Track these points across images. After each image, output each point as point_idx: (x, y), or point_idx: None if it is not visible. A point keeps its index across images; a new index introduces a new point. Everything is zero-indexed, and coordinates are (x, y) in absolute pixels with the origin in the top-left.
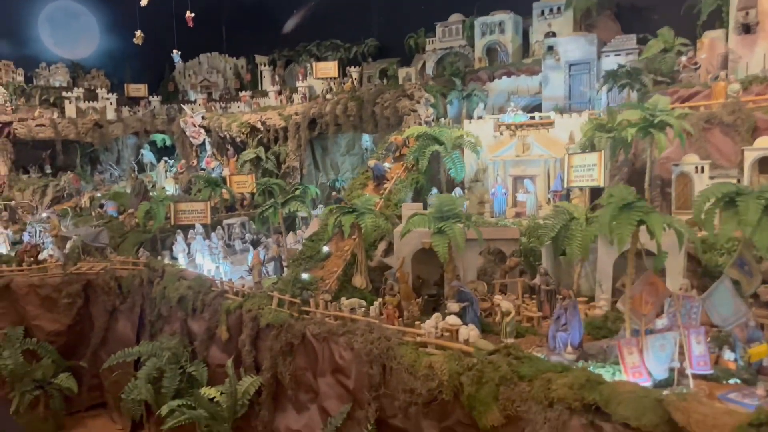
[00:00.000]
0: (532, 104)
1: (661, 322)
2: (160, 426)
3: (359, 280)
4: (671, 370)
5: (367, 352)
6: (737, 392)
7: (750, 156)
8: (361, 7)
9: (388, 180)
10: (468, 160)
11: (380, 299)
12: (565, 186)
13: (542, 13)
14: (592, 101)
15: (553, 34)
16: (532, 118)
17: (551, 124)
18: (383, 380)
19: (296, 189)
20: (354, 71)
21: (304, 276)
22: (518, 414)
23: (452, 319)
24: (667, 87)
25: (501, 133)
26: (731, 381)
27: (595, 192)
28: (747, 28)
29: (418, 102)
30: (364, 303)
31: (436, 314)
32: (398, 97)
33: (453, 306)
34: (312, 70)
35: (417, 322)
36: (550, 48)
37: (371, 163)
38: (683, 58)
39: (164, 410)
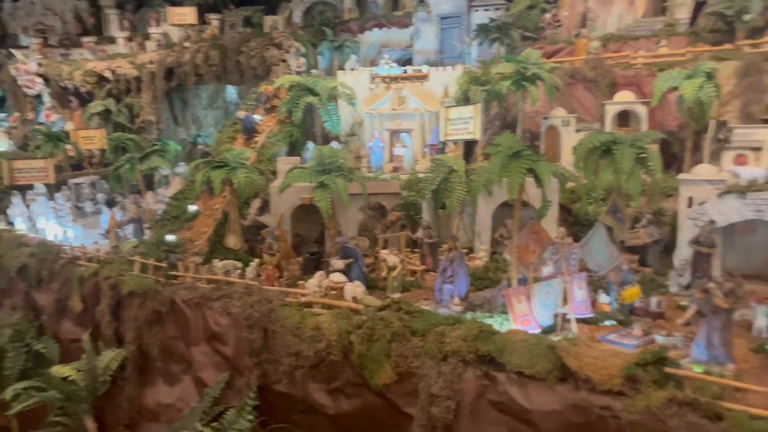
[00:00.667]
0: (404, 57)
1: (546, 270)
2: (5, 412)
3: (233, 241)
4: (556, 316)
5: (247, 317)
6: (615, 333)
7: (611, 110)
8: None
9: (259, 133)
10: (343, 113)
11: (257, 260)
12: (442, 139)
13: None
14: (462, 55)
15: None
16: (405, 71)
17: (426, 77)
18: (265, 345)
19: (154, 144)
20: (214, 18)
21: (170, 238)
22: (411, 370)
23: (337, 277)
24: (533, 42)
25: (376, 86)
26: (607, 323)
27: (469, 145)
28: None
29: (288, 51)
30: (239, 264)
31: (320, 272)
32: (266, 46)
33: (337, 263)
34: (166, 16)
35: (299, 282)
36: (421, 0)
37: (241, 114)
38: (547, 15)
39: (8, 394)
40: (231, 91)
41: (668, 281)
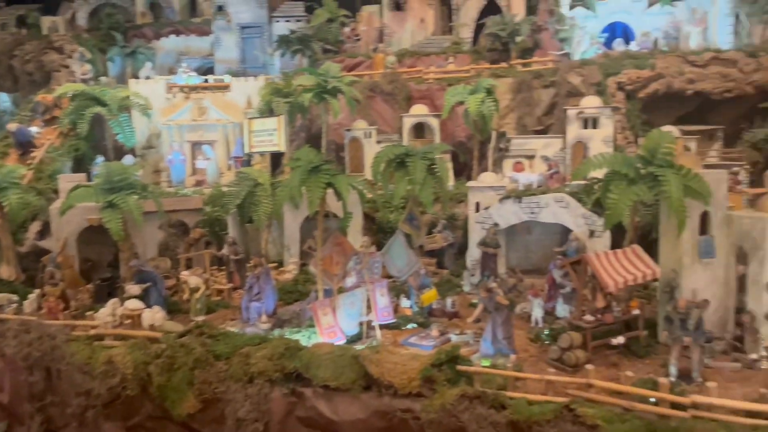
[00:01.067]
0: (205, 66)
1: (350, 280)
2: None
3: (6, 271)
4: (360, 324)
5: (24, 357)
6: (416, 336)
7: (408, 122)
8: None
9: (37, 147)
10: (138, 124)
11: (37, 291)
12: (247, 151)
13: None
14: (266, 66)
15: None
16: (206, 80)
17: (227, 87)
18: (49, 386)
19: None
20: None
21: None
22: (216, 396)
23: (133, 303)
24: (334, 55)
25: (174, 96)
26: (410, 326)
27: (276, 157)
28: (398, 6)
29: (70, 57)
30: (14, 298)
31: (113, 300)
32: (43, 49)
33: (133, 288)
34: None
35: (89, 312)
36: (220, 8)
37: (12, 126)
38: (346, 29)
39: None
40: (5, 99)
41: (462, 281)
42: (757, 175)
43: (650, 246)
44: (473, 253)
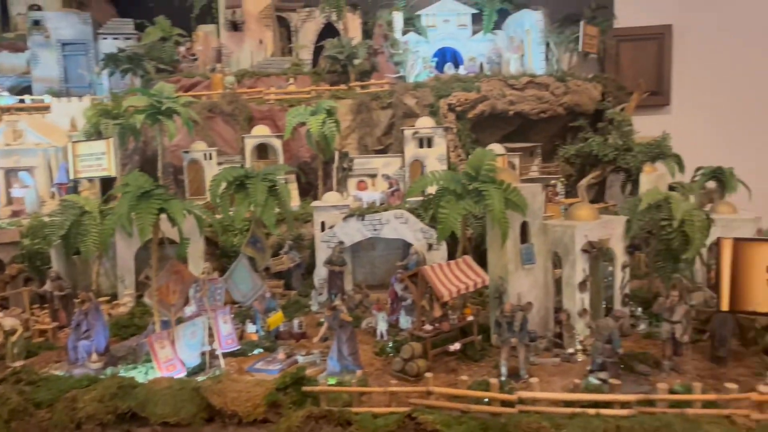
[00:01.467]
0: (22, 85)
1: (189, 309)
2: None
3: None
4: (203, 354)
5: None
6: (262, 361)
7: (250, 143)
8: None
9: None
10: None
11: None
12: (72, 177)
13: None
14: (93, 85)
15: (39, 8)
16: (22, 101)
17: (47, 108)
18: None
19: None
20: None
21: None
22: None
23: None
24: (169, 75)
25: None
26: (256, 351)
27: (107, 183)
28: (235, 26)
29: None
30: None
31: None
32: None
33: None
34: None
35: None
36: (37, 23)
37: None
38: (182, 49)
39: None
40: None
41: (311, 301)
42: (571, 187)
43: (483, 255)
44: (320, 273)
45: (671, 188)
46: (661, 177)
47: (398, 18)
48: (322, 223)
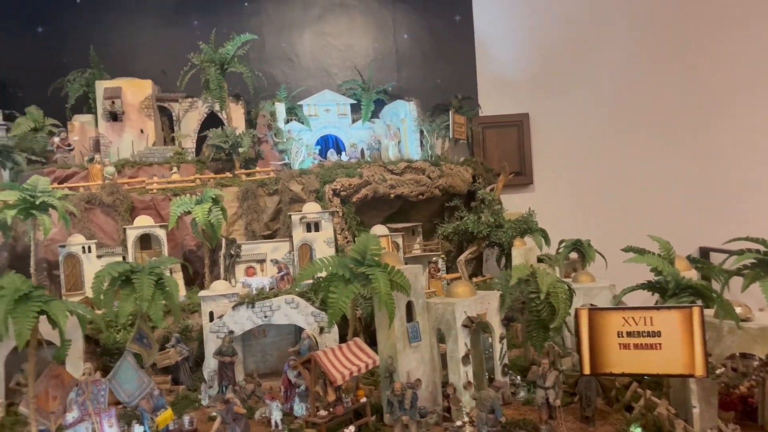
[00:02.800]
0: None
1: (71, 416)
2: None
3: None
4: None
5: None
6: None
7: (132, 234)
8: None
9: None
10: None
11: None
12: None
13: None
14: None
15: None
16: None
17: None
18: None
19: None
20: None
21: None
22: None
23: None
24: (42, 166)
25: None
26: None
27: None
28: (114, 116)
29: None
30: None
31: None
32: None
33: None
34: None
35: None
36: None
37: None
38: (56, 139)
39: None
40: None
41: (200, 395)
42: (451, 262)
43: (373, 335)
44: (210, 364)
45: (540, 260)
46: (530, 250)
47: (281, 108)
48: (211, 313)
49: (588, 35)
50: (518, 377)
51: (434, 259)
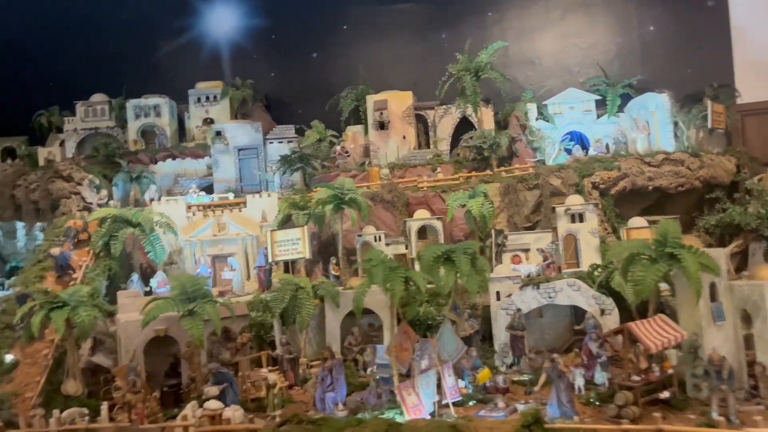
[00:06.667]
0: (202, 186)
1: (424, 363)
2: None
3: (73, 387)
4: (434, 403)
5: None
6: (484, 410)
7: (414, 225)
8: None
9: (73, 269)
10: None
11: (106, 403)
12: (271, 260)
13: (198, 100)
14: (264, 183)
15: (211, 121)
16: (213, 199)
17: (243, 203)
18: None
19: None
20: None
21: None
22: None
23: (213, 404)
24: (328, 171)
25: (194, 214)
26: (470, 403)
27: (287, 265)
28: (382, 125)
29: (80, 184)
30: (85, 411)
31: (192, 403)
32: (50, 178)
33: (212, 390)
34: None
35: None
36: (218, 133)
37: (55, 251)
38: (338, 147)
39: None
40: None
41: (496, 362)
42: None
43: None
44: (501, 337)
45: None
46: None
47: (533, 108)
48: (497, 293)
49: None
50: None
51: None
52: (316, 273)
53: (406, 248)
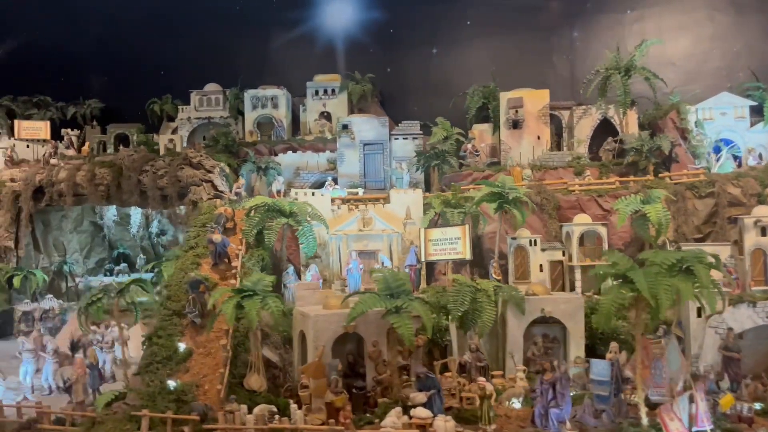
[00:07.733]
0: (322, 180)
1: (680, 384)
2: None
3: (257, 381)
4: None
5: None
6: None
7: (577, 230)
8: (78, 63)
9: (229, 258)
10: None
11: (293, 402)
12: (423, 260)
13: (316, 92)
14: (389, 179)
15: (328, 114)
16: (352, 193)
17: (386, 198)
18: None
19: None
20: (72, 134)
21: (172, 383)
22: None
23: (422, 412)
24: (459, 169)
25: (338, 207)
26: None
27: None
28: (515, 124)
29: (210, 171)
30: (275, 409)
31: (396, 409)
32: (179, 165)
33: (418, 396)
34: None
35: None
36: (345, 126)
37: (217, 237)
38: (469, 146)
39: None
40: (110, 213)
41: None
42: None
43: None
44: (707, 358)
45: None
46: None
47: (693, 112)
48: (698, 309)
49: None
50: None
51: None
52: (464, 275)
53: (563, 254)
